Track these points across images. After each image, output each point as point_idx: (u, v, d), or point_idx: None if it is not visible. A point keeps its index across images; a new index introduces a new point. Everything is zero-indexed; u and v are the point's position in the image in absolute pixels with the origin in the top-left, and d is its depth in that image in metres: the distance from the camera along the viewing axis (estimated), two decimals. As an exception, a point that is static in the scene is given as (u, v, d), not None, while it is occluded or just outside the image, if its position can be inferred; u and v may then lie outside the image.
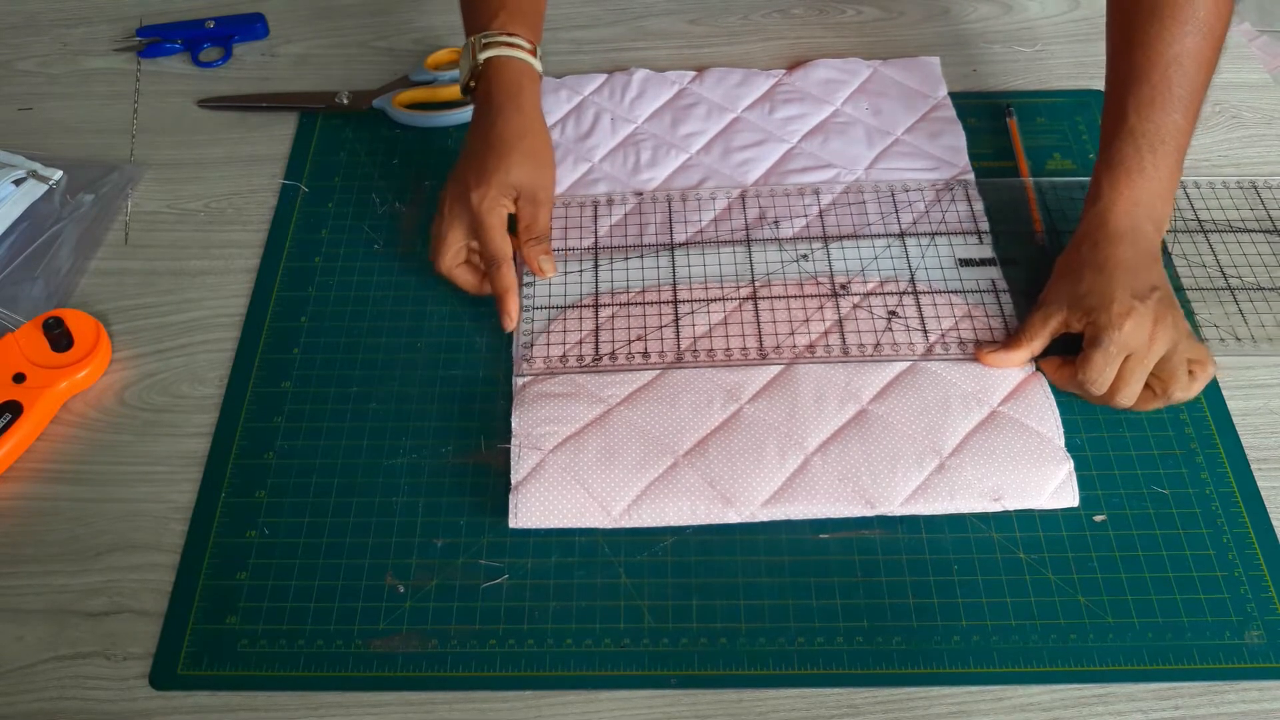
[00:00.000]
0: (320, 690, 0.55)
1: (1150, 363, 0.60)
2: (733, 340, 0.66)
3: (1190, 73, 0.63)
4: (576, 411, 0.63)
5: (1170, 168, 0.64)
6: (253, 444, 0.64)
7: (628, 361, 0.65)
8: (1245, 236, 0.73)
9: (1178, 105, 0.63)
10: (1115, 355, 0.60)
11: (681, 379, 0.65)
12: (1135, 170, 0.63)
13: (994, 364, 0.64)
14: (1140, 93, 0.64)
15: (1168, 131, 0.63)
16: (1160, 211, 0.64)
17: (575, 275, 0.70)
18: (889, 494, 0.59)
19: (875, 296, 0.69)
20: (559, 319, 0.68)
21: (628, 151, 0.78)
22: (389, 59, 0.88)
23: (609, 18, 0.91)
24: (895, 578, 0.58)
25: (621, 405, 0.63)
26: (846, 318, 0.67)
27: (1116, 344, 0.60)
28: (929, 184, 0.75)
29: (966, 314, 0.67)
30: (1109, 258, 0.62)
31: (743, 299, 0.69)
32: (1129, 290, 0.60)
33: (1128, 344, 0.60)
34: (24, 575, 0.59)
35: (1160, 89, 0.63)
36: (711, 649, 0.56)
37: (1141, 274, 0.61)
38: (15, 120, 0.84)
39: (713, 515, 0.59)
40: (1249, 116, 0.81)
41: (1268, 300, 0.69)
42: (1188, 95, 0.63)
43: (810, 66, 0.84)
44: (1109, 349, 0.60)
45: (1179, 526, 0.59)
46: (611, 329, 0.67)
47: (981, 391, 0.63)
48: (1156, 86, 0.63)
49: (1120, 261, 0.62)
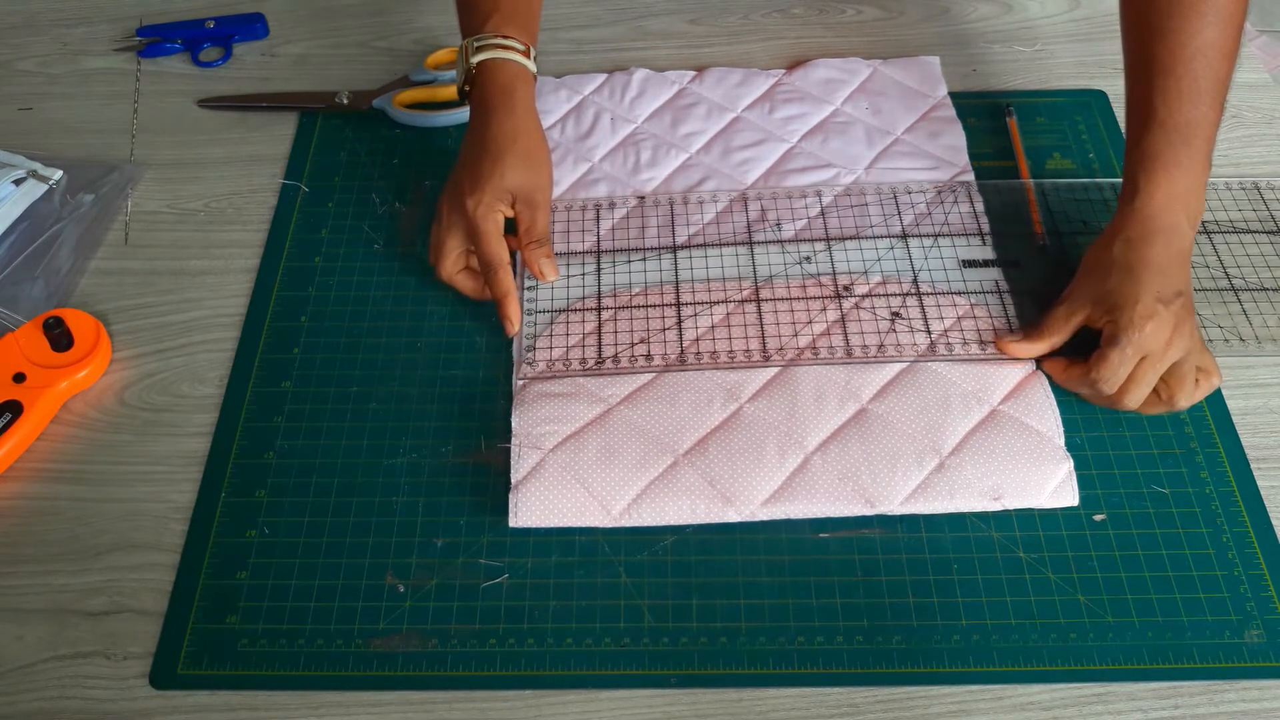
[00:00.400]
0: (320, 690, 0.55)
1: (1163, 367, 0.60)
2: (735, 342, 0.66)
3: (1215, 63, 0.63)
4: (576, 411, 0.63)
5: (1203, 160, 0.63)
6: (253, 444, 0.64)
7: (630, 364, 0.65)
8: (1248, 237, 0.73)
9: (1205, 97, 0.63)
10: (1131, 357, 0.60)
11: (681, 379, 0.65)
12: (1171, 164, 0.63)
13: (1013, 354, 0.64)
14: (1167, 86, 0.63)
15: (1198, 123, 0.63)
16: (1195, 206, 0.63)
17: (577, 278, 0.70)
18: (889, 493, 0.59)
19: (878, 298, 0.69)
20: (560, 321, 0.68)
21: (627, 151, 0.78)
22: (389, 59, 0.88)
23: (609, 17, 0.91)
24: (895, 577, 0.58)
25: (621, 405, 0.64)
26: (849, 319, 0.67)
27: (1134, 345, 0.59)
28: (930, 184, 0.75)
29: (969, 314, 0.67)
30: (1140, 258, 0.61)
31: (745, 300, 0.69)
32: (1154, 293, 0.60)
33: (1145, 346, 0.60)
34: (24, 575, 0.59)
35: (1187, 81, 0.62)
36: (711, 648, 0.56)
37: (1170, 276, 0.61)
38: (15, 120, 0.84)
39: (713, 514, 0.59)
40: (1249, 116, 0.81)
41: (1270, 301, 0.69)
42: (1214, 86, 0.63)
43: (810, 66, 0.84)
44: (1126, 350, 0.60)
45: (1179, 526, 0.59)
46: (614, 331, 0.67)
47: (981, 390, 0.63)
48: (1183, 79, 0.62)
49: (1150, 262, 0.61)
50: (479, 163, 0.67)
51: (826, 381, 0.64)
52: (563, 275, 0.70)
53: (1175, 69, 0.63)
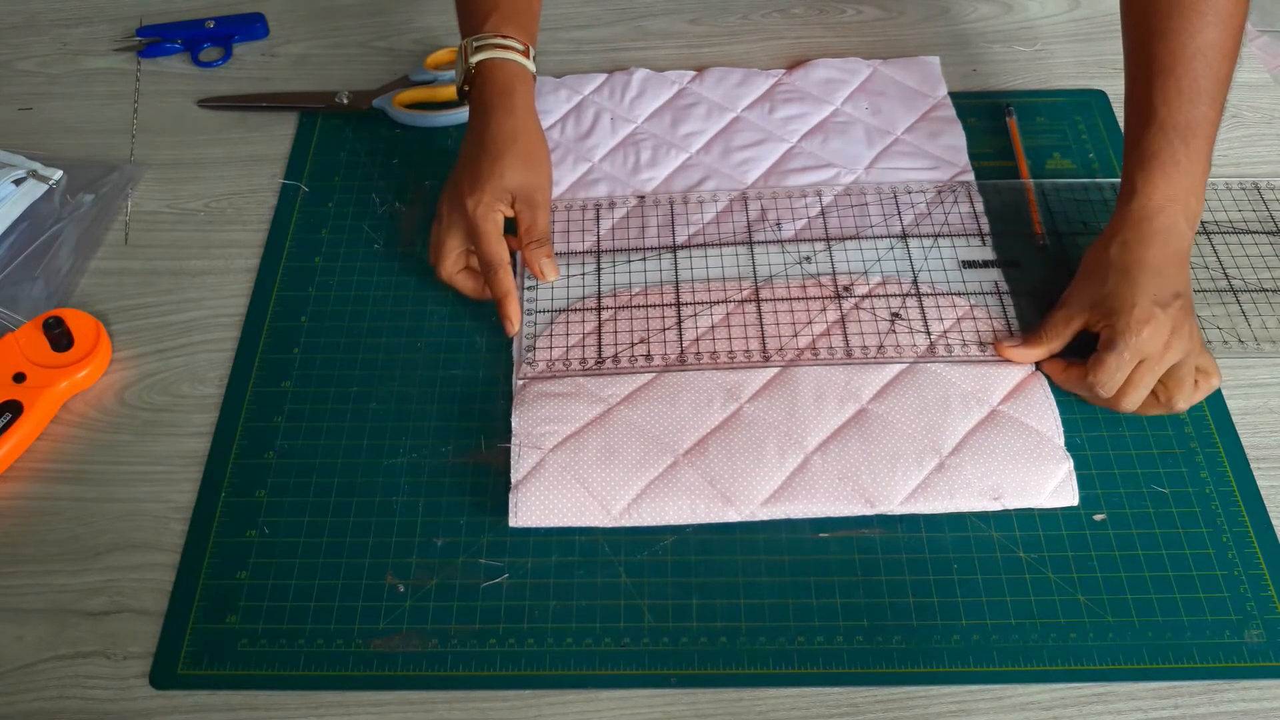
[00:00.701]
0: (320, 689, 0.55)
1: (1161, 370, 0.60)
2: (735, 343, 0.66)
3: (1215, 64, 0.62)
4: (576, 411, 0.63)
5: (1203, 160, 0.63)
6: (253, 444, 0.64)
7: (630, 365, 0.65)
8: (1248, 238, 0.73)
9: (1205, 97, 0.62)
10: (1129, 361, 0.60)
11: (682, 379, 0.65)
12: (1170, 163, 0.62)
13: (1012, 358, 0.64)
14: (1167, 86, 0.62)
15: (1197, 123, 0.62)
16: (1194, 207, 0.63)
17: (577, 278, 0.70)
18: (889, 493, 0.59)
19: (878, 298, 0.69)
20: (560, 321, 0.68)
21: (628, 151, 0.78)
22: (389, 59, 0.88)
23: (609, 17, 0.91)
24: (895, 577, 0.58)
25: (621, 405, 0.64)
26: (849, 319, 0.67)
27: (1131, 349, 0.59)
28: (930, 184, 0.75)
29: (969, 315, 0.67)
30: (1137, 259, 0.61)
31: (745, 300, 0.69)
32: (1151, 296, 0.60)
33: (1142, 350, 0.59)
34: (24, 575, 0.59)
35: (1187, 81, 0.62)
36: (711, 648, 0.56)
37: (1167, 278, 0.61)
38: (15, 120, 0.84)
39: (713, 514, 0.59)
40: (1249, 116, 0.81)
41: (1270, 302, 0.69)
42: (1214, 87, 0.63)
43: (810, 66, 0.84)
44: (1123, 354, 0.59)
45: (1179, 526, 0.59)
46: (614, 331, 0.67)
47: (981, 391, 0.63)
48: (1183, 79, 0.62)
49: (1147, 264, 0.61)
50: (478, 162, 0.67)
51: (826, 382, 0.64)
52: (562, 275, 0.70)
53: (1175, 69, 0.63)
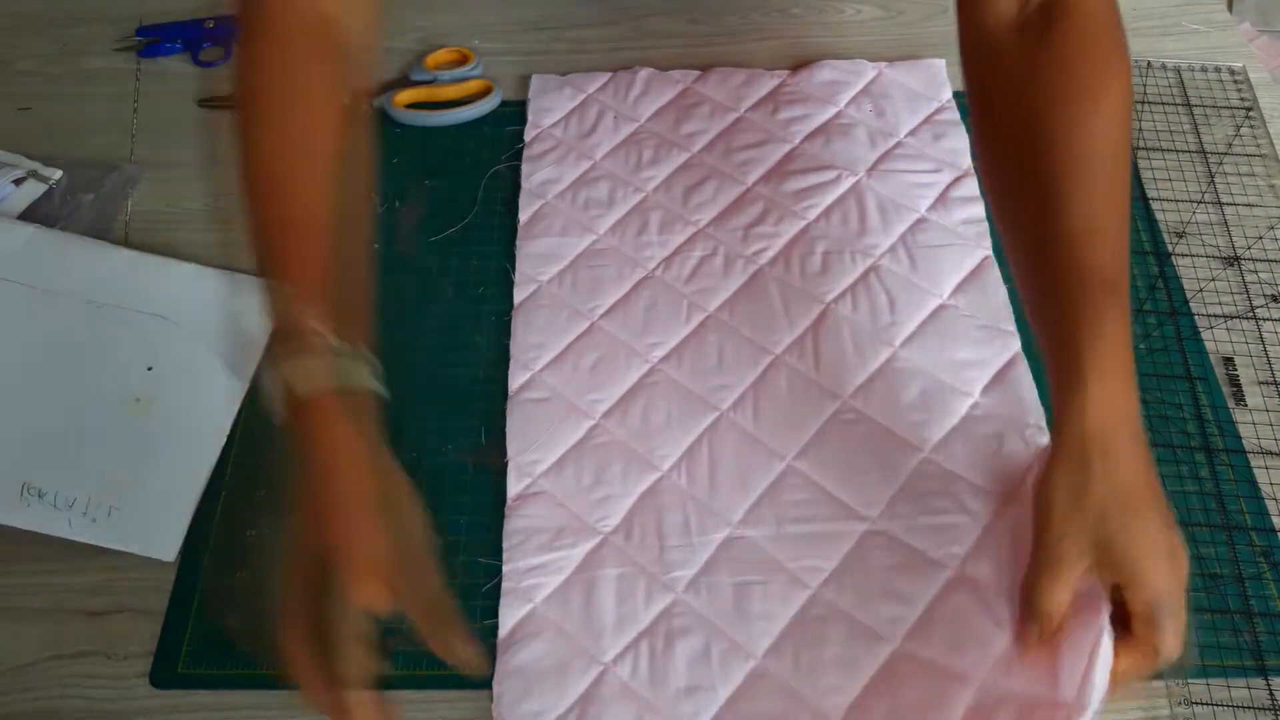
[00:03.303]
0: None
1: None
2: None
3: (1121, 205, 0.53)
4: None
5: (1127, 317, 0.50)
6: (253, 443, 0.64)
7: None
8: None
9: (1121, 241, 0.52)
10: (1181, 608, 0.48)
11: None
12: (1121, 335, 0.49)
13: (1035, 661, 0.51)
14: (1104, 245, 0.51)
15: (1124, 274, 0.51)
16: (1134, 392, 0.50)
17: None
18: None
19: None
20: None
21: (629, 149, 0.78)
22: (389, 59, 0.88)
23: (609, 17, 0.91)
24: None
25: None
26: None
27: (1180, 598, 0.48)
28: (932, 187, 0.75)
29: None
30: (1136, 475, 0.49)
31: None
32: (1168, 523, 0.49)
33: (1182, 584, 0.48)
34: (24, 574, 0.59)
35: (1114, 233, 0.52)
36: (712, 648, 0.56)
37: (1157, 486, 0.49)
38: (15, 120, 0.84)
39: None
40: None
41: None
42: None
43: (814, 68, 0.84)
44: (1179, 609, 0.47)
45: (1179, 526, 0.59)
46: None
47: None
48: (1110, 233, 0.52)
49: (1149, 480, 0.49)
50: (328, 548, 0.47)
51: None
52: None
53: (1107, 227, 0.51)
